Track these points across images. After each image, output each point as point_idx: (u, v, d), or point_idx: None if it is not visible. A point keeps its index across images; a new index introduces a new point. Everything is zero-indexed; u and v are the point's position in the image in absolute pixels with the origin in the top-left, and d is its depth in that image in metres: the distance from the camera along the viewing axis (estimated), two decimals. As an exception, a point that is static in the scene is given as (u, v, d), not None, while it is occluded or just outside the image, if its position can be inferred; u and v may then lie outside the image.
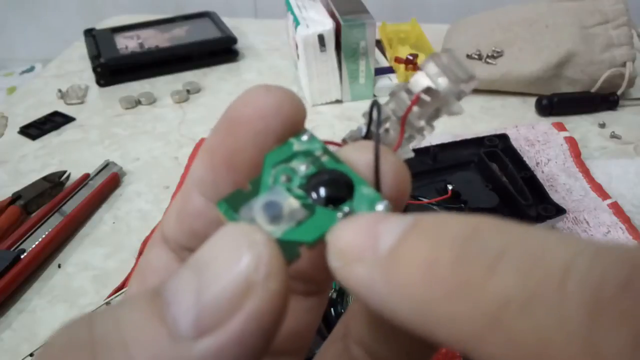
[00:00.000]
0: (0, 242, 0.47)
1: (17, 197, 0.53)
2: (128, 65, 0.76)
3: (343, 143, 0.16)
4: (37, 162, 0.60)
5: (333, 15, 0.66)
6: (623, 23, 0.63)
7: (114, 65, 0.74)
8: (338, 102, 0.69)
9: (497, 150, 0.52)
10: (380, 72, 0.70)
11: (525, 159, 0.52)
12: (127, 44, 0.79)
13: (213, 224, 0.14)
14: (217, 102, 0.71)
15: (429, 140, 0.56)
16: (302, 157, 0.14)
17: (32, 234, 0.48)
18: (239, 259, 0.11)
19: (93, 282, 0.46)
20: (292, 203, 0.13)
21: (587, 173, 0.53)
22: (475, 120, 0.65)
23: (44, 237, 0.47)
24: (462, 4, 1.12)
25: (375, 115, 0.15)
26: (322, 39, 0.63)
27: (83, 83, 0.75)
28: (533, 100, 0.66)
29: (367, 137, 0.16)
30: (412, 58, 0.70)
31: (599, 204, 0.49)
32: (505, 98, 0.69)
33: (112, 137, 0.65)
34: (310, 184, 0.14)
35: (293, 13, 0.67)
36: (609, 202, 0.49)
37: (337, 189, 0.14)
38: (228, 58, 0.80)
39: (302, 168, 0.14)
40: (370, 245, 0.12)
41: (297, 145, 0.15)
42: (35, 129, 0.66)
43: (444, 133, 0.60)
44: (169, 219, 0.16)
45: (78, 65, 0.81)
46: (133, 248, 0.48)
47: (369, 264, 0.11)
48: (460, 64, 0.15)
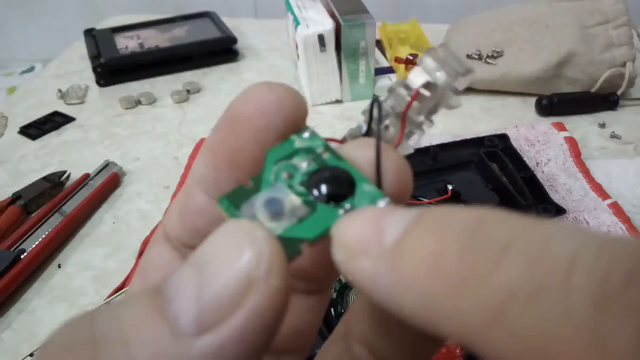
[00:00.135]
0: (0, 242, 0.47)
1: (17, 197, 0.53)
2: (128, 65, 0.75)
3: (343, 141, 0.16)
4: (37, 162, 0.60)
5: (333, 15, 0.66)
6: (623, 23, 0.63)
7: (114, 65, 0.74)
8: (338, 102, 0.69)
9: (497, 150, 0.52)
10: (380, 72, 0.70)
11: (525, 159, 0.52)
12: (127, 44, 0.79)
13: (215, 222, 0.14)
14: (217, 102, 0.71)
15: (429, 140, 0.56)
16: (303, 154, 0.14)
17: (32, 234, 0.48)
18: (240, 256, 0.11)
19: (93, 282, 0.46)
20: (293, 200, 0.13)
21: (587, 173, 0.53)
22: (475, 120, 0.65)
23: (44, 237, 0.47)
24: (462, 4, 1.12)
25: (376, 113, 0.15)
26: (322, 39, 0.63)
27: (83, 83, 0.75)
28: (533, 100, 0.66)
29: (367, 134, 0.16)
30: (412, 58, 0.70)
31: (599, 204, 0.49)
32: (505, 98, 0.68)
33: (112, 137, 0.65)
34: (312, 181, 0.14)
35: (293, 13, 0.67)
36: (609, 202, 0.49)
37: (338, 186, 0.14)
38: (228, 58, 0.80)
39: (303, 165, 0.14)
40: (375, 239, 0.12)
41: (298, 142, 0.15)
42: (35, 129, 0.65)
43: (444, 133, 0.60)
44: (171, 217, 0.16)
45: (78, 65, 0.81)
46: (133, 248, 0.48)
47: (374, 258, 0.11)
48: (457, 58, 0.15)
